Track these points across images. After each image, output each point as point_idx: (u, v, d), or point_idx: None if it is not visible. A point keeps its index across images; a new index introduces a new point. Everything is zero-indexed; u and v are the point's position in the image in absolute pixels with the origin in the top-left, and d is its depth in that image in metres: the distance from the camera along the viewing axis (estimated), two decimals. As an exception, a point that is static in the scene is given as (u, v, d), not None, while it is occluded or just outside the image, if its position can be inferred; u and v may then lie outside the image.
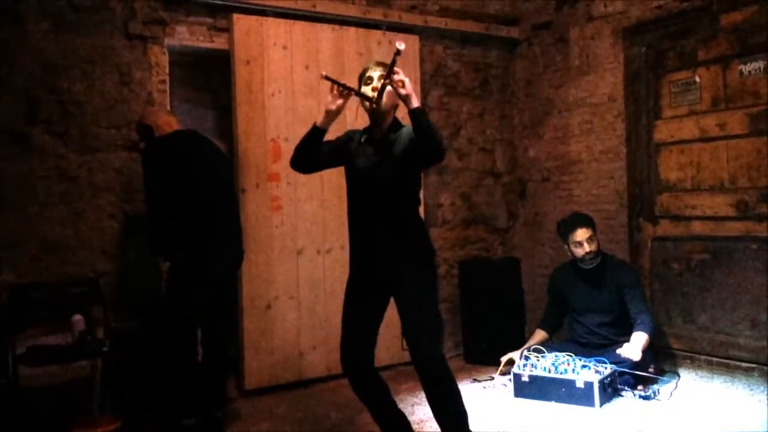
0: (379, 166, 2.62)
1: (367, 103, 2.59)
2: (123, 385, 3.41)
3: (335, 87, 2.56)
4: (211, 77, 4.37)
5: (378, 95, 2.57)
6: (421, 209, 4.68)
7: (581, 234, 3.96)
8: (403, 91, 2.47)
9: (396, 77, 2.47)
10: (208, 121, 4.50)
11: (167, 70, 3.94)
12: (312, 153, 2.65)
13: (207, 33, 4.03)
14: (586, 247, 3.94)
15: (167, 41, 3.91)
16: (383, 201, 2.63)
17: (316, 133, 2.62)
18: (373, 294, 2.75)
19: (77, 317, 3.31)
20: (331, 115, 2.58)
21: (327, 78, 2.56)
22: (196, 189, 3.25)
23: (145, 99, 3.85)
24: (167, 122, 3.42)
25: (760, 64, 3.85)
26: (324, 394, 3.96)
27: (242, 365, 3.93)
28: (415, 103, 2.48)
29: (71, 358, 3.23)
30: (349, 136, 2.78)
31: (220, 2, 3.97)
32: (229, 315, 3.49)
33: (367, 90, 2.63)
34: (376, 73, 2.65)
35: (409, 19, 4.63)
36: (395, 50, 2.44)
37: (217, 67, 4.16)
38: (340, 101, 2.56)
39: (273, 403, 3.79)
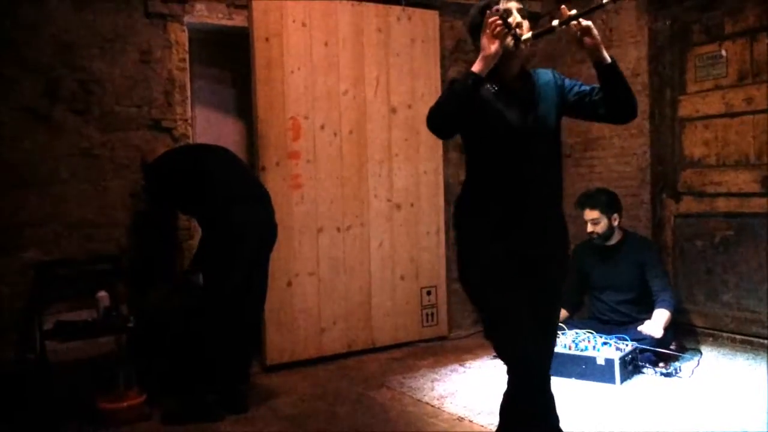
0: (535, 120, 2.17)
1: (512, 43, 2.06)
2: (148, 360, 3.47)
3: (492, 27, 2.01)
4: (230, 55, 4.37)
5: (536, 35, 2.09)
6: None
7: (586, 215, 3.95)
8: (591, 40, 2.03)
9: (583, 22, 2.01)
10: (228, 100, 4.51)
11: (187, 48, 3.94)
12: (467, 109, 2.07)
13: (226, 10, 4.03)
14: (590, 227, 3.93)
15: (186, 19, 3.91)
16: (544, 161, 2.20)
17: (478, 82, 2.04)
18: (534, 275, 2.23)
19: (102, 293, 3.37)
20: (490, 60, 2.02)
21: (501, 16, 2.03)
22: (208, 174, 3.38)
23: (165, 77, 3.86)
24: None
25: (790, 36, 3.76)
26: (344, 370, 4.00)
27: (263, 341, 3.97)
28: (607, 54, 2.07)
29: (96, 333, 3.30)
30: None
31: (238, -21, 3.96)
32: (260, 291, 3.52)
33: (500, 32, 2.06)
34: (513, 4, 2.13)
35: (428, -7, 4.59)
36: None
37: (236, 44, 4.15)
38: (496, 44, 2.01)
39: (294, 379, 3.84)
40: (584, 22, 2.01)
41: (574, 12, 2.01)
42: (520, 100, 2.17)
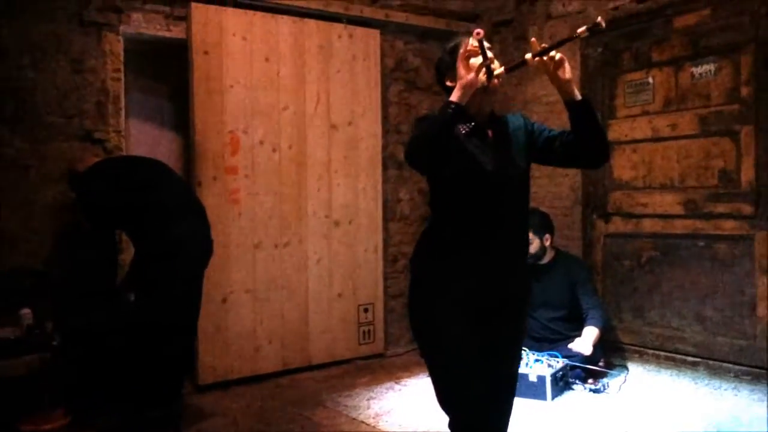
0: (507, 163, 2.08)
1: (485, 77, 1.97)
2: (74, 381, 3.34)
3: (469, 54, 1.98)
4: (167, 67, 4.29)
5: (510, 69, 2.00)
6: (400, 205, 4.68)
7: None
8: (565, 76, 1.97)
9: (558, 56, 1.94)
10: (164, 112, 4.42)
11: (122, 59, 3.85)
12: (448, 139, 1.94)
13: (164, 21, 3.96)
14: None
15: (123, 29, 3.83)
16: (514, 206, 2.12)
17: (459, 111, 1.92)
18: (498, 328, 2.11)
19: (25, 310, 3.25)
20: (468, 89, 1.93)
21: (480, 42, 1.95)
22: (144, 187, 3.31)
23: (98, 88, 3.76)
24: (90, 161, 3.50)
25: (711, 66, 3.95)
26: (279, 389, 3.94)
27: (196, 360, 3.88)
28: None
29: (18, 352, 3.15)
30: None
31: (177, -9, 3.91)
32: (194, 309, 3.45)
33: (475, 63, 1.99)
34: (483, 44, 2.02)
35: (370, 13, 4.62)
36: (589, 26, 1.89)
37: (174, 56, 4.08)
38: (474, 72, 1.93)
39: (227, 399, 3.76)
40: (557, 56, 1.95)
41: (546, 45, 1.96)
42: (491, 143, 2.09)
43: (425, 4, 4.93)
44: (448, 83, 2.10)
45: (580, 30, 1.91)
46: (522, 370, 3.61)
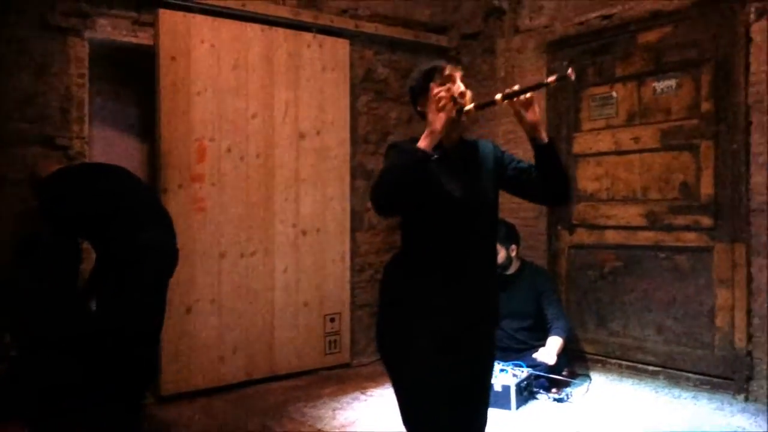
0: (476, 189, 2.09)
1: (454, 113, 1.95)
2: (33, 391, 3.26)
3: (439, 101, 1.93)
4: (133, 73, 4.24)
5: (479, 107, 2.00)
6: (364, 217, 4.68)
7: None
8: (533, 117, 1.99)
9: (524, 97, 1.96)
10: (130, 119, 4.37)
11: (87, 64, 3.80)
12: (416, 187, 1.93)
13: (130, 27, 3.91)
14: None
15: (88, 34, 3.77)
16: (483, 231, 2.12)
17: (426, 159, 1.90)
18: (469, 349, 2.10)
19: (-19, 320, 3.16)
20: (437, 136, 1.92)
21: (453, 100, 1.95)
22: (109, 195, 3.27)
23: (62, 93, 3.70)
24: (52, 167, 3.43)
25: (672, 82, 4.05)
26: (244, 400, 3.90)
27: (159, 370, 3.82)
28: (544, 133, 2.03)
29: (-26, 363, 3.08)
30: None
31: (144, -4, 3.88)
32: (157, 318, 3.40)
33: (444, 97, 1.96)
34: (458, 73, 2.08)
35: (340, 22, 4.64)
36: (559, 76, 1.93)
37: (140, 62, 4.04)
38: (443, 119, 1.91)
39: (190, 410, 3.71)
40: (527, 95, 1.96)
41: (516, 87, 1.96)
42: (460, 170, 2.09)
43: (395, 15, 4.96)
44: (419, 108, 2.12)
45: (550, 79, 1.98)
46: (487, 379, 3.64)
